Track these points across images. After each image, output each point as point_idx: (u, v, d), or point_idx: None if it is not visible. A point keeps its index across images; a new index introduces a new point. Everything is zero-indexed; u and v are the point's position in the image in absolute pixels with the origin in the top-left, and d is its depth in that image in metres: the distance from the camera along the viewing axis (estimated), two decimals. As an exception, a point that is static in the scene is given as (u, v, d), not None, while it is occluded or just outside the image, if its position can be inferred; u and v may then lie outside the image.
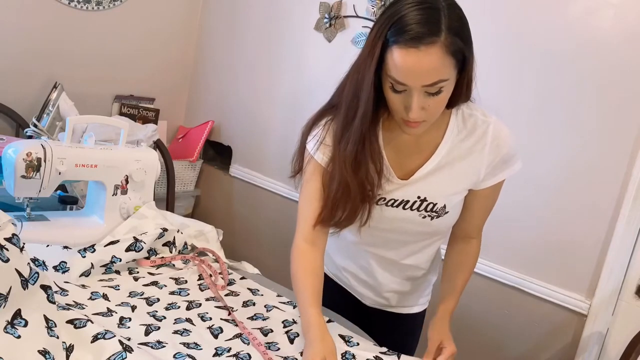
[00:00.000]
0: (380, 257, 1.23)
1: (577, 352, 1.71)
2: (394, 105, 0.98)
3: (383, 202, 1.11)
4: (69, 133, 1.36)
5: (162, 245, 1.39)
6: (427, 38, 0.88)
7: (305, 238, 1.09)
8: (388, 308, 1.31)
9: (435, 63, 0.89)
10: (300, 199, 1.12)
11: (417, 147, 1.09)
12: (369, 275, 1.26)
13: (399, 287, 1.27)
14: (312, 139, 1.10)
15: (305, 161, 1.12)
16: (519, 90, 1.81)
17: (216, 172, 2.83)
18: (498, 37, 1.84)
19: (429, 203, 1.10)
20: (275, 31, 2.53)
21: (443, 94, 0.94)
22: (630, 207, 1.60)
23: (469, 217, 1.18)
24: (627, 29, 1.60)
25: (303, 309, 1.03)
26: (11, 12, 2.23)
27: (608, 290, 1.66)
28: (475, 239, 1.22)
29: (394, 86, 0.94)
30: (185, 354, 0.97)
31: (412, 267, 1.24)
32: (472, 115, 1.08)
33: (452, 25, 0.90)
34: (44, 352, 0.84)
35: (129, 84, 2.68)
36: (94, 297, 1.14)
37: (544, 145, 1.76)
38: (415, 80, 0.91)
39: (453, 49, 0.90)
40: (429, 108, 0.95)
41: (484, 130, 1.07)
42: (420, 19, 0.89)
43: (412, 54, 0.89)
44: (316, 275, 1.07)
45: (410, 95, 0.93)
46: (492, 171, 1.09)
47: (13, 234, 0.91)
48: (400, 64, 0.90)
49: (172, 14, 2.76)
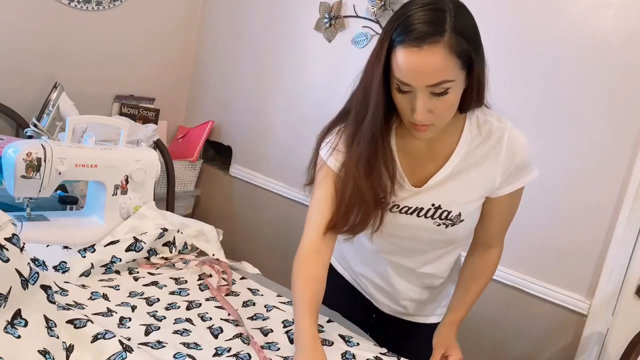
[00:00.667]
0: (397, 265, 1.21)
1: (577, 352, 1.71)
2: (401, 107, 0.97)
3: (397, 209, 1.09)
4: (69, 133, 1.36)
5: (162, 245, 1.39)
6: (430, 37, 0.88)
7: (312, 245, 1.06)
8: (405, 316, 1.29)
9: (438, 62, 0.89)
10: (310, 205, 1.09)
11: (430, 154, 1.07)
12: (386, 283, 1.25)
13: (417, 296, 1.26)
14: (325, 146, 1.08)
15: (317, 168, 1.10)
16: (518, 91, 1.81)
17: (216, 172, 2.83)
18: (498, 37, 1.84)
19: (444, 211, 1.08)
20: (275, 31, 2.53)
21: (450, 95, 0.93)
22: (630, 207, 1.60)
23: (488, 226, 1.16)
24: (627, 29, 1.60)
25: (298, 317, 1.00)
26: (11, 12, 2.23)
27: (608, 290, 1.66)
28: (496, 247, 1.20)
29: (400, 87, 0.94)
30: (185, 354, 0.97)
31: (430, 275, 1.22)
32: (487, 122, 1.06)
33: (458, 26, 0.89)
34: (44, 352, 0.84)
35: (129, 84, 2.68)
36: (94, 297, 1.14)
37: (543, 146, 1.75)
38: (418, 80, 0.91)
39: (458, 49, 0.89)
40: (436, 110, 0.94)
41: (499, 136, 1.05)
42: (425, 19, 0.89)
43: (414, 53, 0.89)
44: (318, 284, 1.04)
45: (415, 96, 0.93)
46: (507, 179, 1.07)
47: (13, 234, 0.91)
48: (403, 64, 0.90)
49: (172, 13, 2.76)
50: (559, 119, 1.73)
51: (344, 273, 1.34)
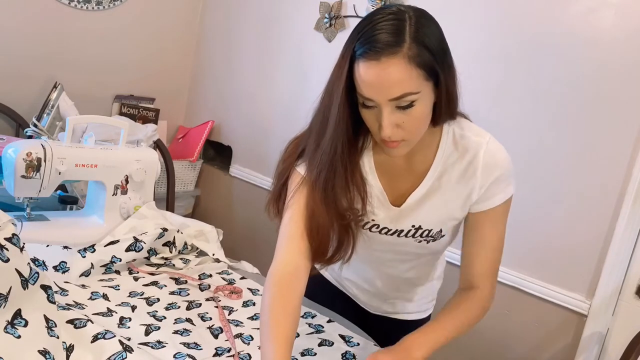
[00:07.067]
0: (381, 272, 1.21)
1: (577, 352, 1.71)
2: (369, 123, 0.92)
3: (377, 230, 1.07)
4: (69, 133, 1.36)
5: (162, 245, 1.39)
6: (388, 49, 0.83)
7: (287, 264, 0.96)
8: (392, 315, 1.29)
9: (398, 75, 0.84)
10: (282, 221, 1.01)
11: (409, 169, 1.03)
12: (371, 285, 1.25)
13: (402, 294, 1.26)
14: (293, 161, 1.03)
15: (289, 190, 1.01)
16: (518, 91, 1.81)
17: (216, 172, 2.83)
18: (497, 37, 1.84)
19: (424, 230, 1.06)
20: (275, 31, 2.53)
21: (417, 108, 0.88)
22: (630, 207, 1.60)
23: (470, 262, 1.05)
24: (627, 28, 1.60)
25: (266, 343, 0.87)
26: (11, 12, 2.23)
27: (608, 290, 1.66)
28: (480, 289, 1.05)
29: (365, 102, 0.89)
30: (185, 354, 0.97)
31: (415, 278, 1.22)
32: (463, 137, 1.01)
33: (418, 36, 0.85)
34: (44, 352, 0.84)
35: (129, 84, 2.68)
36: (94, 297, 1.14)
37: (543, 145, 1.75)
38: (379, 93, 0.86)
39: (420, 60, 0.84)
40: (404, 125, 0.89)
41: (475, 151, 1.00)
42: (384, 30, 0.85)
43: (373, 66, 0.84)
44: (294, 312, 0.92)
45: (380, 111, 0.88)
46: (485, 194, 1.01)
47: (13, 234, 0.91)
48: (363, 77, 0.86)
49: (172, 14, 2.76)
50: (559, 118, 1.73)
51: (327, 276, 1.34)
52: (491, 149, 1.00)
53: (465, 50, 1.91)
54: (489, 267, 1.05)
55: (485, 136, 1.01)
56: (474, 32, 1.89)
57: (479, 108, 1.88)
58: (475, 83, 1.89)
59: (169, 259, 1.39)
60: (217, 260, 1.45)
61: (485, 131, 1.03)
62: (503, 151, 1.02)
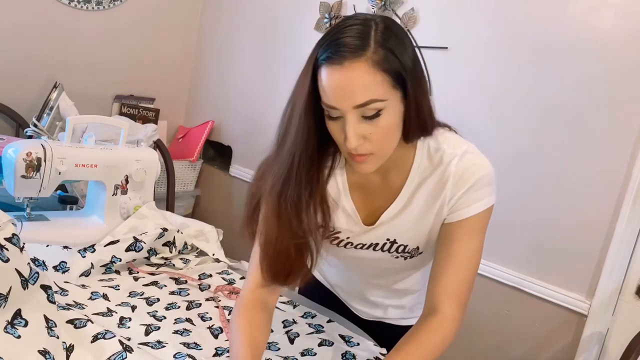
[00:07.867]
0: (370, 283, 1.19)
1: (577, 352, 1.71)
2: (335, 136, 0.88)
3: (351, 247, 1.05)
4: (69, 133, 1.36)
5: (162, 245, 1.39)
6: (352, 53, 0.80)
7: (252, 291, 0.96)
8: (385, 320, 1.27)
9: (362, 79, 0.80)
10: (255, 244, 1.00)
11: (384, 187, 0.99)
12: (359, 294, 1.23)
13: (394, 303, 1.24)
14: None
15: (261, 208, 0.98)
16: (518, 91, 1.81)
17: (216, 172, 2.83)
18: (497, 37, 1.84)
19: (400, 245, 1.02)
20: (275, 31, 2.53)
21: (384, 118, 0.83)
22: (630, 207, 1.60)
23: (434, 276, 0.95)
24: (627, 28, 1.60)
25: (233, 346, 0.89)
26: (11, 12, 2.23)
27: (608, 290, 1.66)
28: (441, 313, 0.91)
29: (329, 113, 0.85)
30: (185, 354, 0.97)
31: (404, 290, 1.20)
32: (438, 150, 0.95)
33: (384, 40, 0.81)
34: (44, 352, 0.84)
35: (129, 84, 2.68)
36: (94, 297, 1.14)
37: (543, 145, 1.76)
38: (343, 100, 0.81)
39: (385, 65, 0.80)
40: (371, 137, 0.84)
41: (447, 164, 0.94)
42: (348, 34, 0.82)
43: (336, 71, 0.80)
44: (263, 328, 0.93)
45: (345, 121, 0.83)
46: (456, 205, 0.95)
47: (13, 234, 0.91)
48: (326, 83, 0.82)
49: (172, 13, 2.76)
50: (559, 118, 1.73)
51: (320, 278, 1.33)
52: (464, 159, 0.94)
53: (466, 50, 1.91)
54: (455, 287, 0.92)
55: (461, 147, 0.95)
56: (474, 32, 1.89)
57: (478, 108, 1.88)
58: (475, 83, 1.89)
59: (169, 259, 1.39)
60: (217, 260, 1.45)
61: (465, 142, 0.97)
62: (479, 162, 0.94)
